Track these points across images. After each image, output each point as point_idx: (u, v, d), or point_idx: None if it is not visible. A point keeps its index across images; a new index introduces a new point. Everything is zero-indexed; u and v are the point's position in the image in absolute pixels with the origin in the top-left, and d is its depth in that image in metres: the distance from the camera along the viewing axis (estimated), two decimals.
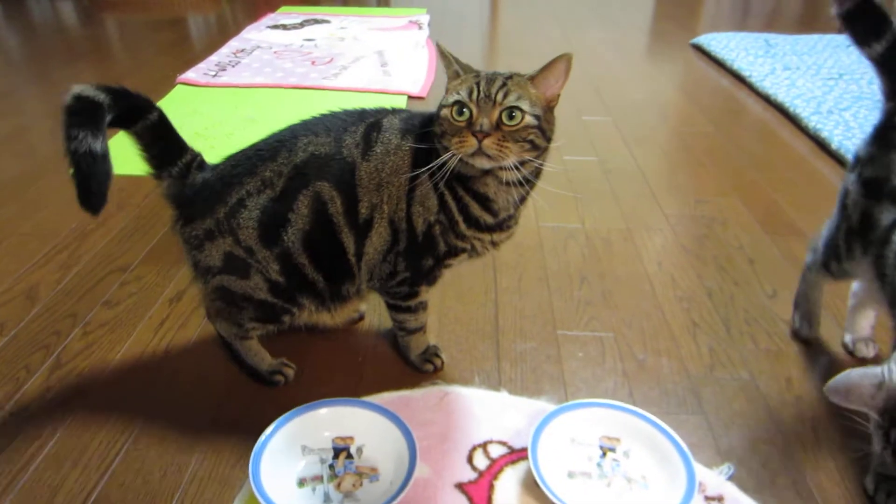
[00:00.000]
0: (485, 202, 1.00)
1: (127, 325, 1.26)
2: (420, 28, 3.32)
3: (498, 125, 0.91)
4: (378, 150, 1.00)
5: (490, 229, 1.03)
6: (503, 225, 1.04)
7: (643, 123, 2.36)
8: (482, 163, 0.92)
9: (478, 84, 0.92)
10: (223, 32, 3.37)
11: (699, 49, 3.24)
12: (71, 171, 0.89)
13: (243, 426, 1.03)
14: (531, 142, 0.93)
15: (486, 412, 1.06)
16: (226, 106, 2.31)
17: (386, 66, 2.72)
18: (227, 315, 1.10)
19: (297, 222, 0.99)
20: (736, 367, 1.18)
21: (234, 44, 3.04)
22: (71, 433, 1.02)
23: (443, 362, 1.16)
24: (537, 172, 1.00)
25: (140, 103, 1.00)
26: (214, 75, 2.58)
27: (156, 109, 1.02)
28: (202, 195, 1.02)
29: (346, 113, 1.05)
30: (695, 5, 4.47)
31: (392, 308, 1.13)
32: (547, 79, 0.95)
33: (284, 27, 3.32)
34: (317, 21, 3.45)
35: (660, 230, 1.64)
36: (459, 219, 1.00)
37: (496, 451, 0.99)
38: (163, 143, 1.03)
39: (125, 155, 1.01)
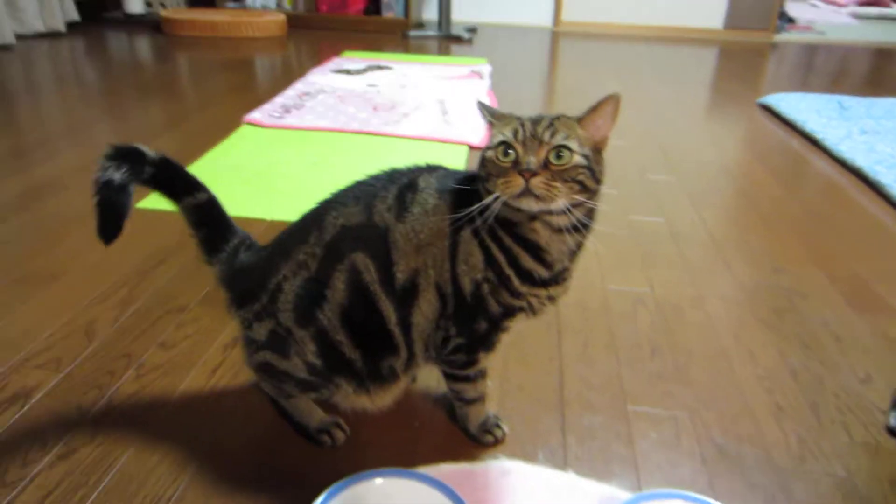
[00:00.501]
0: (536, 252, 0.92)
1: (180, 369, 1.22)
2: (481, 78, 3.33)
3: (546, 165, 0.85)
4: (415, 211, 0.94)
5: (545, 283, 0.95)
6: (559, 278, 0.97)
7: (710, 184, 2.28)
8: (529, 204, 0.86)
9: (523, 125, 0.88)
10: (287, 74, 3.43)
11: (767, 109, 3.17)
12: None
13: (291, 489, 0.97)
14: (580, 182, 0.86)
15: (552, 495, 0.98)
16: (289, 147, 2.32)
17: (447, 114, 2.71)
18: (270, 383, 1.08)
19: (333, 298, 0.95)
20: (829, 460, 1.08)
21: (299, 86, 3.08)
22: (116, 484, 0.98)
23: (504, 434, 1.09)
24: (590, 214, 0.93)
25: (189, 179, 1.03)
26: (279, 117, 2.61)
27: (206, 191, 1.04)
28: (249, 280, 1.02)
29: (375, 178, 1.01)
30: (758, 64, 4.41)
31: (449, 377, 1.06)
32: (595, 121, 0.90)
33: (348, 72, 3.36)
34: (379, 67, 3.49)
35: (735, 300, 1.55)
36: (511, 273, 0.93)
37: None
38: (211, 227, 1.06)
39: None
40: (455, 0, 5.18)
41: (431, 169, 1.01)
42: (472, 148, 2.39)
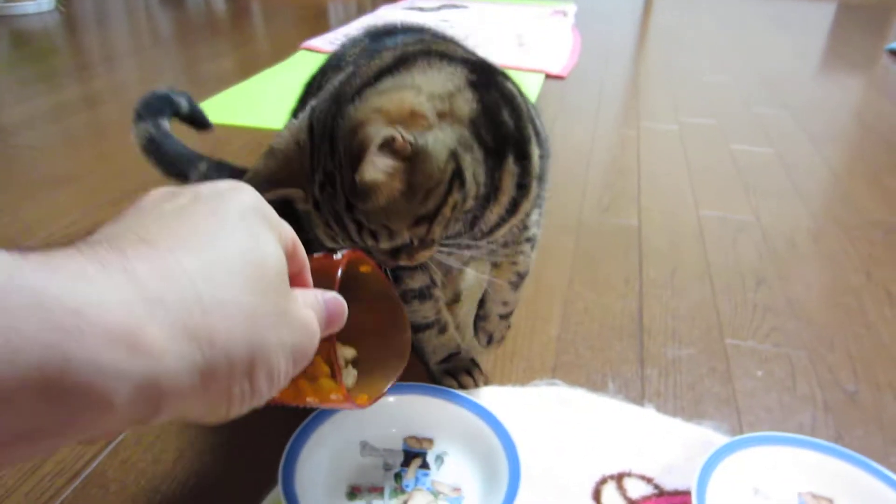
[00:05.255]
0: None
1: None
2: (565, 16, 3.05)
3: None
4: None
5: None
6: None
7: (832, 122, 1.94)
8: None
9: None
10: (360, 13, 3.25)
11: None
12: None
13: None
14: None
15: (624, 432, 0.74)
16: None
17: (524, 45, 2.45)
18: None
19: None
20: None
21: (366, 19, 2.89)
22: None
23: (476, 384, 0.79)
24: None
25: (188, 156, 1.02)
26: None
27: (204, 161, 1.01)
28: None
29: None
30: (885, 17, 3.90)
31: None
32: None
33: (421, 9, 3.15)
34: (455, 6, 3.25)
35: (865, 236, 1.25)
36: None
37: (636, 488, 0.67)
38: None
39: (227, 105, 0.87)
40: None
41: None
42: (548, 76, 2.14)
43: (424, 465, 0.68)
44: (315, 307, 0.38)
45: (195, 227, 0.32)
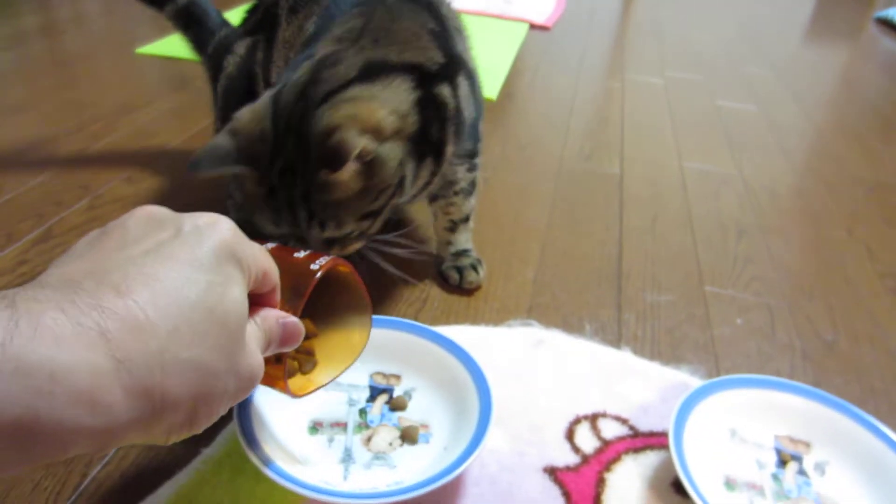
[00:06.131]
0: None
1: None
2: None
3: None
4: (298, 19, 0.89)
5: None
6: None
7: (818, 84, 1.92)
8: None
9: None
10: None
11: (888, 24, 2.72)
12: None
13: None
14: None
15: (600, 374, 0.71)
16: None
17: None
18: None
19: (228, 64, 0.97)
20: None
21: None
22: None
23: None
24: None
25: None
26: None
27: None
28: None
29: None
30: None
31: None
32: None
33: None
34: None
35: (849, 194, 1.23)
36: None
37: (611, 429, 0.64)
38: (198, 27, 1.00)
39: None
40: None
41: None
42: (533, 26, 2.07)
43: (391, 401, 0.64)
44: (273, 329, 0.42)
45: (170, 277, 0.34)
